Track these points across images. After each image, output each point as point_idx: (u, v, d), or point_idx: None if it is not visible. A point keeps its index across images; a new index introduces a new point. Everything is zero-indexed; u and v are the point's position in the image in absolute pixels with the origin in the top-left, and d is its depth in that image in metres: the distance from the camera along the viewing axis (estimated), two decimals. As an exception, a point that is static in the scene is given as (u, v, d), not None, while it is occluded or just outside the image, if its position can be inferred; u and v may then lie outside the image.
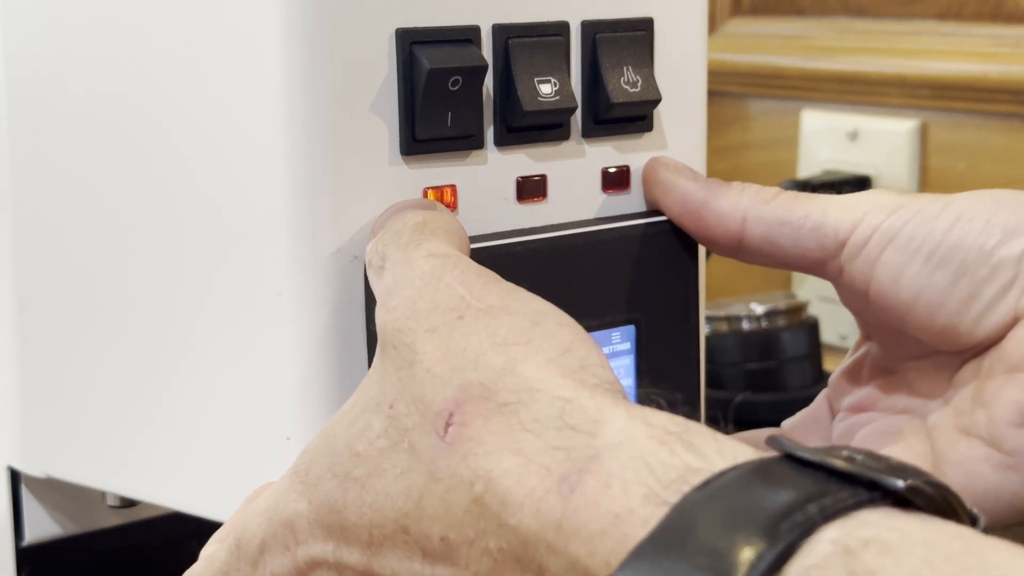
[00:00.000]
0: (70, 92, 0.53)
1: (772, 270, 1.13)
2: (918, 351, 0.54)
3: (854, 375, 0.57)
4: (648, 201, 0.54)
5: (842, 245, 0.52)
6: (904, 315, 0.51)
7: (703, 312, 0.55)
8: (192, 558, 0.46)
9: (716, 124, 0.54)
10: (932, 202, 0.51)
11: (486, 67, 0.48)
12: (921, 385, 0.55)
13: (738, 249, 0.53)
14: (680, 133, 0.55)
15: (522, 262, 0.49)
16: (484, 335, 0.40)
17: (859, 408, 0.57)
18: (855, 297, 0.53)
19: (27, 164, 0.55)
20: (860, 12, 1.09)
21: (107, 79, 0.52)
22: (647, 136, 0.54)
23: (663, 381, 0.53)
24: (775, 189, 0.54)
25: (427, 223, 0.45)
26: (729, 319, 0.96)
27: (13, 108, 0.55)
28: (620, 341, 0.52)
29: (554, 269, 0.50)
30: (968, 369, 0.52)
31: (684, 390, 0.54)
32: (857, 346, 0.58)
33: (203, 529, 0.57)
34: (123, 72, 0.51)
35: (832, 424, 0.58)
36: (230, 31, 0.48)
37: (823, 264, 0.52)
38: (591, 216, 0.52)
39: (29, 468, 0.58)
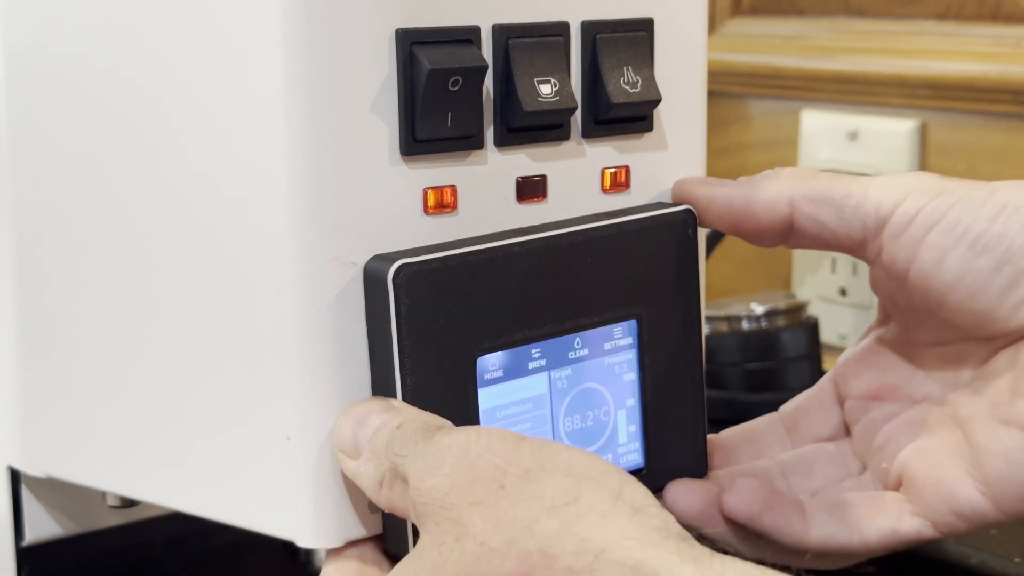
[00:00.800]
0: (71, 93, 0.53)
1: (772, 270, 1.13)
2: (946, 336, 0.54)
3: (866, 360, 0.57)
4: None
5: (883, 224, 0.52)
6: (943, 297, 0.52)
7: (704, 306, 0.55)
8: (192, 558, 0.46)
9: (716, 124, 0.54)
10: (976, 188, 0.52)
11: (486, 67, 0.48)
12: (943, 373, 0.55)
13: (789, 233, 0.53)
14: (680, 133, 0.55)
15: (521, 263, 0.49)
16: (531, 500, 0.40)
17: (874, 396, 0.57)
18: (892, 277, 0.53)
19: (28, 164, 0.55)
20: (860, 12, 1.09)
21: (107, 78, 0.52)
22: (647, 136, 0.54)
23: (665, 374, 0.53)
24: (813, 169, 0.54)
25: (414, 421, 0.45)
26: (729, 319, 0.96)
27: (13, 107, 0.55)
28: (622, 336, 0.52)
29: (554, 268, 0.50)
30: (1003, 359, 0.53)
31: (686, 383, 0.54)
32: (870, 330, 0.58)
33: (203, 529, 0.57)
34: (123, 71, 0.51)
35: (843, 411, 0.58)
36: (231, 31, 0.48)
37: (864, 244, 0.53)
38: (591, 214, 0.52)
39: (29, 468, 0.58)
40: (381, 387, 0.48)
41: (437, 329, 0.48)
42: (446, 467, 0.42)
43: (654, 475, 0.54)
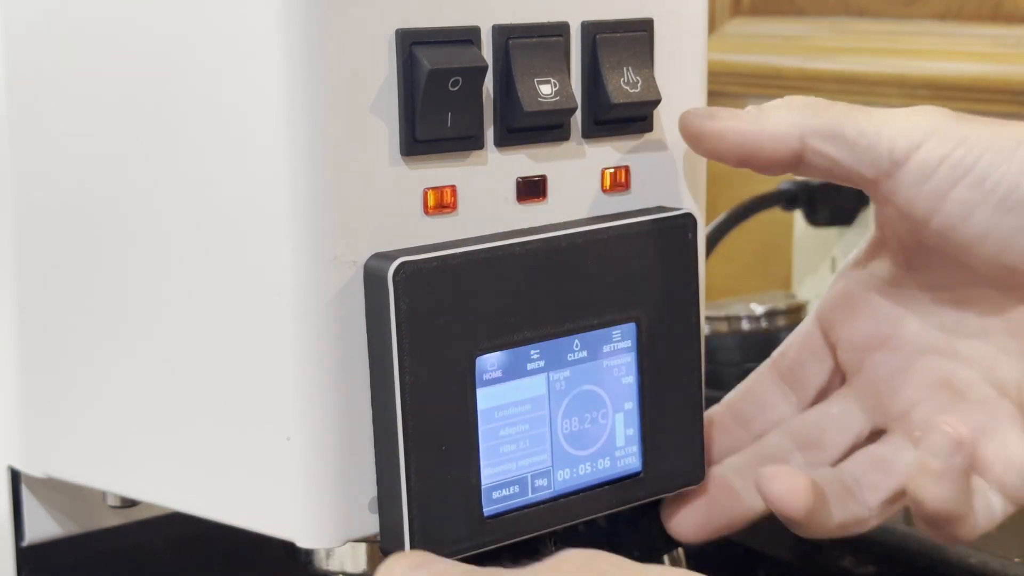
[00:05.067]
0: (72, 94, 0.53)
1: (772, 270, 1.13)
2: (955, 280, 0.53)
3: (852, 306, 0.56)
4: (701, 155, 0.53)
5: (897, 167, 0.50)
6: (966, 249, 0.51)
7: (703, 310, 0.55)
8: (192, 558, 0.46)
9: (716, 124, 0.55)
10: (1000, 136, 0.50)
11: (486, 68, 0.48)
12: (944, 318, 0.54)
13: (797, 165, 0.52)
14: (680, 133, 0.55)
15: (521, 263, 0.49)
16: None
17: (868, 346, 0.56)
18: (906, 219, 0.52)
19: (28, 165, 0.55)
20: (860, 12, 1.09)
21: (108, 80, 0.52)
22: (647, 136, 0.54)
23: (664, 379, 0.53)
24: (825, 101, 0.52)
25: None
26: (729, 319, 0.96)
27: (14, 109, 0.55)
28: (621, 339, 0.52)
29: (554, 269, 0.50)
30: None
31: (684, 388, 0.54)
32: (848, 271, 0.56)
33: (203, 529, 0.57)
34: (124, 73, 0.51)
35: (835, 356, 0.57)
36: (230, 31, 0.48)
37: (876, 183, 0.51)
38: (591, 216, 0.52)
39: (29, 468, 0.58)
40: (380, 385, 0.48)
41: (437, 328, 0.48)
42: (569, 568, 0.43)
43: (651, 479, 0.54)
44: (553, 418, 0.51)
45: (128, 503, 0.60)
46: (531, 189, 0.51)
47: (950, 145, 0.50)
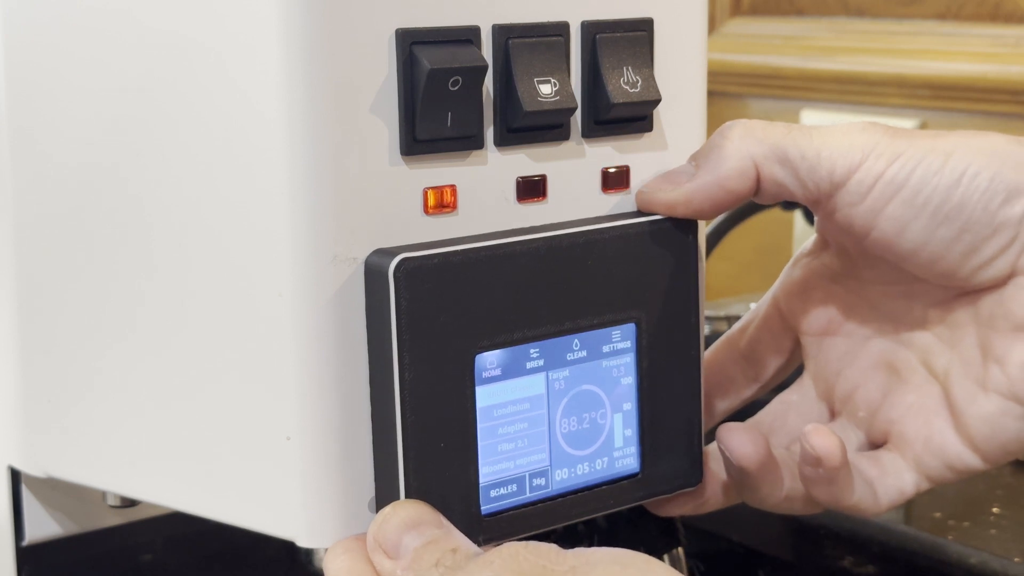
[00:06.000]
0: (72, 92, 0.53)
1: (772, 270, 1.13)
2: (897, 278, 0.55)
3: (809, 293, 0.58)
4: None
5: (837, 188, 0.52)
6: (902, 260, 0.53)
7: (703, 311, 0.55)
8: (192, 558, 0.46)
9: (716, 124, 0.54)
10: (931, 151, 0.52)
11: (486, 67, 0.48)
12: (892, 308, 0.56)
13: (756, 193, 0.53)
14: (680, 133, 0.55)
15: (522, 262, 0.49)
16: None
17: (824, 331, 0.58)
18: (847, 236, 0.54)
19: (29, 164, 0.55)
20: (860, 12, 1.09)
21: (107, 80, 0.52)
22: (647, 136, 0.54)
23: (663, 380, 0.53)
24: (760, 123, 0.54)
25: (468, 548, 0.46)
26: (729, 319, 0.96)
27: (13, 108, 0.55)
28: (620, 339, 0.52)
29: (554, 269, 0.50)
30: (963, 310, 0.54)
31: (684, 389, 0.54)
32: (803, 257, 0.59)
33: (203, 529, 0.57)
34: (124, 72, 0.51)
35: (794, 338, 0.59)
36: (230, 32, 0.48)
37: (817, 203, 0.53)
38: (591, 216, 0.52)
39: (29, 468, 0.58)
40: (379, 382, 0.48)
41: (437, 325, 0.48)
42: (496, 565, 0.44)
43: (649, 481, 0.54)
44: (552, 417, 0.51)
45: (128, 503, 0.60)
46: (531, 189, 0.51)
47: (884, 162, 0.52)
